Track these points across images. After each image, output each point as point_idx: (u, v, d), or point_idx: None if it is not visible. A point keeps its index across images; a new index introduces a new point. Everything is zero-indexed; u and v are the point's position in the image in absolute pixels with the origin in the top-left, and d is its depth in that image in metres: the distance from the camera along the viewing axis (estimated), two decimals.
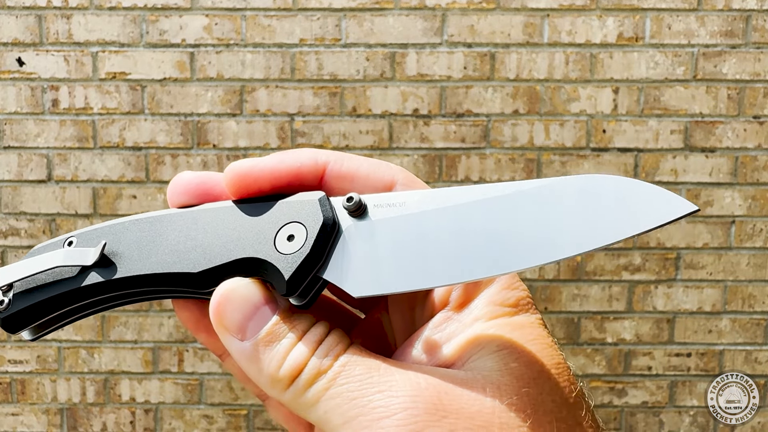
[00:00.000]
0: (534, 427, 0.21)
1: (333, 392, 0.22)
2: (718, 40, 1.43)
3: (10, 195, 1.49)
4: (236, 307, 0.24)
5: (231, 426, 1.54)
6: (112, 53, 1.45)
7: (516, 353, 0.23)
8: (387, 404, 0.21)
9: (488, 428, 0.20)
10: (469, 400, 0.21)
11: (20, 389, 1.54)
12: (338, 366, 0.22)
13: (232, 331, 0.24)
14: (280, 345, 0.23)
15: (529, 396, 0.22)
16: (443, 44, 1.44)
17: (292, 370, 0.23)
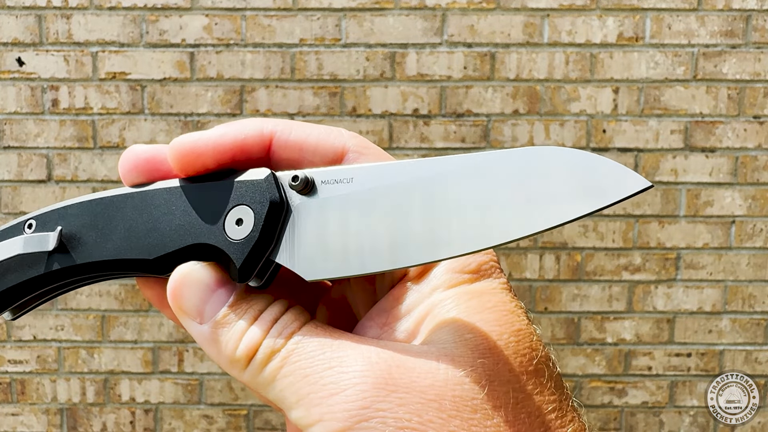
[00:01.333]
0: (489, 398, 0.21)
1: (286, 370, 0.22)
2: (718, 40, 1.43)
3: (10, 195, 1.49)
4: (192, 291, 0.24)
5: (231, 426, 1.54)
6: (112, 53, 1.45)
7: (472, 324, 0.22)
8: (337, 380, 0.21)
9: (440, 402, 0.20)
10: (421, 373, 0.21)
11: (20, 389, 1.54)
12: (291, 344, 0.22)
13: (190, 315, 0.24)
14: (236, 326, 0.23)
15: (485, 367, 0.21)
16: (443, 44, 1.44)
17: (248, 351, 0.23)
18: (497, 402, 0.21)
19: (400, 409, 0.20)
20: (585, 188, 0.21)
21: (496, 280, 0.25)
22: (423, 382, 0.20)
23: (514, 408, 0.21)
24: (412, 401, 0.20)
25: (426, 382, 0.20)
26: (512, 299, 0.24)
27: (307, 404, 0.21)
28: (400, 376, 0.20)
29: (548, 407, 0.22)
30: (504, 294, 0.24)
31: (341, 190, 0.24)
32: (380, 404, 0.20)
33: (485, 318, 0.23)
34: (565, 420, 0.22)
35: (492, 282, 0.24)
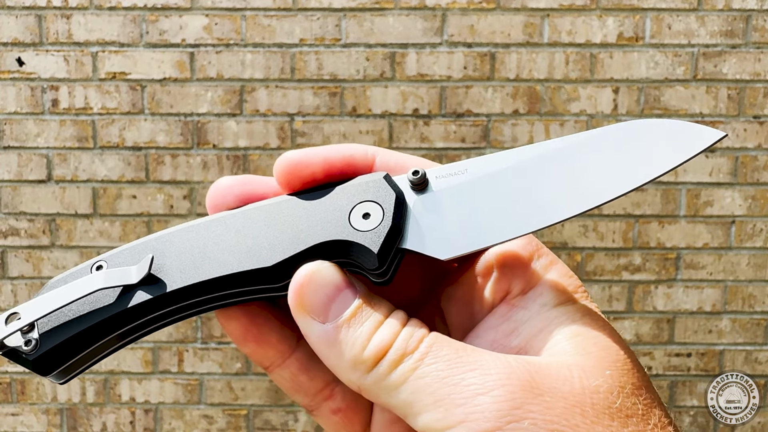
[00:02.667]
0: (622, 408, 0.21)
1: (421, 372, 0.22)
2: (718, 40, 1.43)
3: (10, 195, 1.49)
4: (318, 289, 0.24)
5: (231, 426, 1.54)
6: (112, 53, 1.45)
7: (592, 338, 0.23)
8: (482, 382, 0.21)
9: (581, 408, 0.20)
10: (558, 380, 0.21)
11: (20, 389, 1.54)
12: (424, 347, 0.22)
13: (313, 313, 0.24)
14: (364, 326, 0.23)
15: (612, 378, 0.22)
16: (443, 44, 1.44)
17: (377, 351, 0.22)
18: (629, 412, 0.21)
19: (549, 411, 0.20)
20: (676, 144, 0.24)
21: (591, 303, 0.26)
22: (563, 388, 0.21)
23: (642, 419, 0.21)
24: (558, 405, 0.20)
25: (566, 388, 0.21)
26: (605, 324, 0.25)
27: (447, 405, 0.21)
28: (542, 381, 0.21)
29: (665, 421, 0.22)
30: (602, 316, 0.25)
31: (457, 180, 0.26)
32: (530, 406, 0.20)
33: (602, 335, 0.23)
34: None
35: (590, 304, 0.25)
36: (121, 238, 1.49)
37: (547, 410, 0.20)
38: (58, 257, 1.50)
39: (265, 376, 1.53)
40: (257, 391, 1.53)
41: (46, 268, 1.50)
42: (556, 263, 0.26)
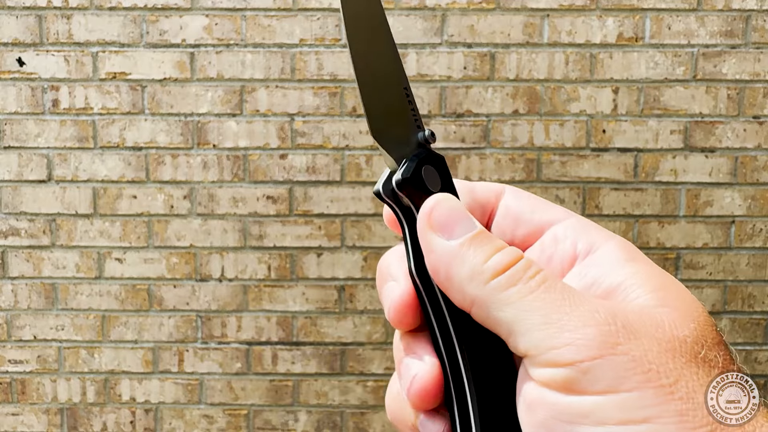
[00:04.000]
0: (705, 359, 0.23)
1: (536, 296, 0.23)
2: (718, 40, 1.43)
3: (10, 195, 1.49)
4: (446, 211, 0.26)
5: (231, 426, 1.54)
6: (112, 53, 1.45)
7: (673, 293, 0.24)
8: (590, 316, 0.22)
9: (673, 353, 0.22)
10: (652, 326, 0.22)
11: (20, 389, 1.54)
12: (540, 277, 0.24)
13: (440, 231, 0.26)
14: (486, 246, 0.25)
15: (697, 331, 0.23)
16: (443, 44, 1.44)
17: (497, 266, 0.24)
18: (712, 362, 0.23)
19: (646, 352, 0.22)
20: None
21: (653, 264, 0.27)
22: (656, 334, 0.22)
23: (722, 372, 0.23)
24: (653, 348, 0.22)
25: (659, 334, 0.22)
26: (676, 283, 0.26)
27: (557, 328, 0.22)
28: (639, 325, 0.22)
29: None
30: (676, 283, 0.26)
31: None
32: (630, 344, 0.22)
33: (678, 294, 0.24)
34: None
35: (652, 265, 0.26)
36: (122, 238, 1.49)
37: (644, 351, 0.22)
38: (59, 257, 1.50)
39: (265, 376, 1.53)
40: (257, 391, 1.53)
41: (47, 268, 1.50)
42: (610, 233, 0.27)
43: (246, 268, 1.50)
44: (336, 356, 1.52)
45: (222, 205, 1.48)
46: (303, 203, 1.48)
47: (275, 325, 1.51)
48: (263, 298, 1.50)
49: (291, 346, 1.52)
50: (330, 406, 1.54)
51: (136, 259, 1.50)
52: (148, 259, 1.50)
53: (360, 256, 1.49)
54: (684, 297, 0.24)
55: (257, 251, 1.49)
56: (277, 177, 1.47)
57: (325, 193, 1.47)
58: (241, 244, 1.49)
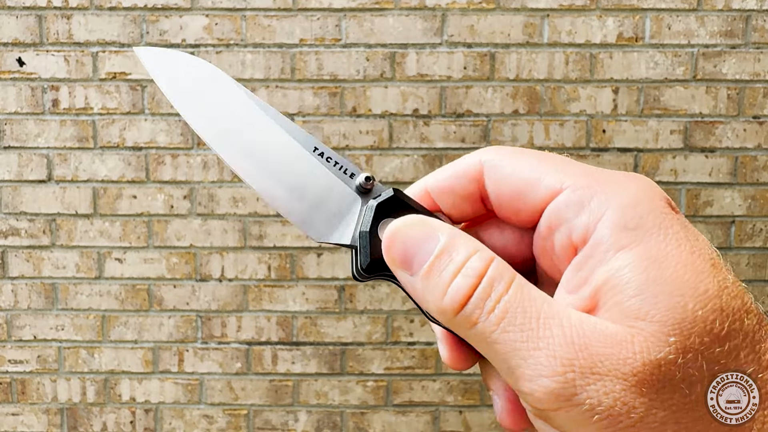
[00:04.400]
0: (684, 377, 0.21)
1: (495, 338, 0.23)
2: (718, 40, 1.43)
3: (10, 195, 1.49)
4: (401, 245, 0.25)
5: (231, 426, 1.54)
6: (112, 53, 1.45)
7: (653, 296, 0.22)
8: (546, 363, 0.22)
9: (640, 387, 0.21)
10: (620, 358, 0.21)
11: (20, 389, 1.54)
12: (500, 309, 0.23)
13: (401, 267, 0.25)
14: (442, 276, 0.24)
15: (677, 345, 0.21)
16: (443, 44, 1.44)
17: (455, 302, 0.23)
18: (693, 378, 0.21)
19: (606, 396, 0.21)
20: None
21: (669, 230, 0.23)
22: (624, 368, 0.21)
23: (709, 382, 0.22)
24: (616, 389, 0.21)
25: (626, 368, 0.21)
26: (691, 250, 0.23)
27: (517, 377, 0.22)
28: (603, 362, 0.21)
29: (750, 369, 0.22)
30: (681, 247, 0.23)
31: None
32: (589, 390, 0.21)
33: (666, 290, 0.22)
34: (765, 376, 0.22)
35: (664, 237, 0.23)
36: (122, 238, 1.49)
37: (604, 395, 0.21)
38: (59, 257, 1.50)
39: (265, 376, 1.53)
40: (257, 391, 1.53)
41: (47, 268, 1.50)
42: (614, 195, 0.24)
43: (246, 268, 1.50)
44: (336, 356, 1.52)
45: (222, 205, 1.48)
46: None
47: (275, 325, 1.51)
48: (263, 298, 1.50)
49: (291, 346, 1.52)
50: (330, 406, 1.54)
51: (136, 259, 1.50)
52: (148, 259, 1.50)
53: None
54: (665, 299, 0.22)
55: (257, 251, 1.49)
56: None
57: None
58: (241, 244, 1.49)
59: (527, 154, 0.26)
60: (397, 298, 1.50)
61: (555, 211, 0.25)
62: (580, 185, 0.24)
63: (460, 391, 1.53)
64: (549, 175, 0.25)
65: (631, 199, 0.23)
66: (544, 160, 0.26)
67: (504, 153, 0.27)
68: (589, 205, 0.24)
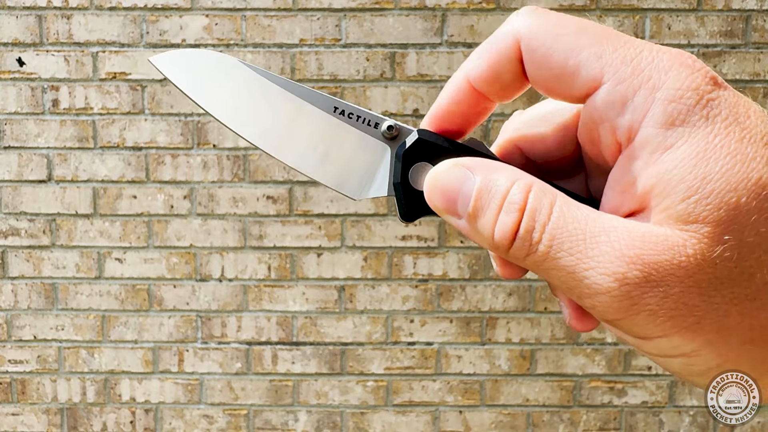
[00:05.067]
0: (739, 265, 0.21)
1: (547, 267, 0.23)
2: (718, 40, 1.43)
3: (10, 195, 1.49)
4: (441, 195, 0.26)
5: (231, 426, 1.54)
6: (112, 53, 1.45)
7: (706, 194, 0.21)
8: (601, 281, 0.22)
9: (698, 286, 0.21)
10: (674, 262, 0.21)
11: (20, 389, 1.54)
12: (546, 239, 0.23)
13: (448, 214, 0.26)
14: (486, 215, 0.24)
15: (729, 242, 0.21)
16: (443, 44, 1.44)
17: (504, 237, 0.24)
18: (752, 269, 0.21)
19: (665, 301, 0.21)
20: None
21: (717, 117, 0.21)
22: (678, 272, 0.21)
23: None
24: (674, 291, 0.21)
25: (681, 272, 0.21)
26: (740, 136, 0.21)
27: (578, 295, 0.23)
28: (658, 268, 0.21)
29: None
30: (730, 134, 0.21)
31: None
32: (647, 299, 0.21)
33: (716, 188, 0.21)
34: None
35: (712, 127, 0.21)
36: (122, 238, 1.49)
37: (663, 300, 0.21)
38: (59, 257, 1.50)
39: (265, 376, 1.53)
40: (257, 391, 1.53)
41: (47, 268, 1.50)
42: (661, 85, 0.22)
43: (246, 268, 1.50)
44: (336, 356, 1.52)
45: (222, 205, 1.48)
46: (303, 203, 1.48)
47: (275, 325, 1.51)
48: (263, 298, 1.50)
49: (291, 346, 1.52)
50: (330, 406, 1.54)
51: (136, 259, 1.50)
52: (148, 259, 1.50)
53: (360, 256, 1.49)
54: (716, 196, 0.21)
55: (257, 251, 1.49)
56: (277, 177, 1.47)
57: (325, 193, 1.47)
58: (241, 244, 1.49)
59: (566, 27, 0.24)
60: (397, 298, 1.50)
61: (597, 108, 0.24)
62: (621, 77, 0.22)
63: (460, 391, 1.53)
64: (588, 64, 0.23)
65: (675, 91, 0.22)
66: (583, 36, 0.23)
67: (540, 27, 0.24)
68: (632, 101, 0.22)
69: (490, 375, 1.52)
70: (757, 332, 0.22)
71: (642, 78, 0.22)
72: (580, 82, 0.23)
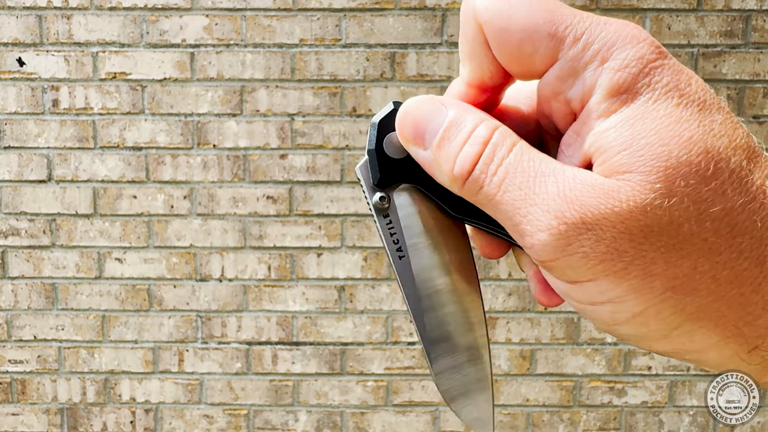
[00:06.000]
0: (670, 219, 0.22)
1: (499, 200, 0.24)
2: (717, 40, 1.43)
3: (10, 195, 1.49)
4: (412, 122, 0.27)
5: (231, 426, 1.54)
6: (112, 53, 1.45)
7: (638, 151, 0.23)
8: (542, 218, 0.23)
9: (630, 233, 0.22)
10: (608, 206, 0.22)
11: (20, 389, 1.54)
12: (501, 172, 0.24)
13: (414, 144, 0.27)
14: (451, 146, 0.26)
15: (661, 190, 0.22)
16: (443, 44, 1.44)
17: (463, 170, 0.25)
18: (680, 219, 0.22)
19: (598, 244, 0.23)
20: None
21: (658, 84, 0.23)
22: (611, 217, 0.22)
23: (697, 220, 0.22)
24: (606, 236, 0.22)
25: (614, 217, 0.22)
26: (678, 101, 0.23)
27: (520, 234, 0.24)
28: (593, 212, 0.23)
29: (738, 201, 0.22)
30: (669, 99, 0.23)
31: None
32: (582, 240, 0.23)
33: (650, 142, 0.23)
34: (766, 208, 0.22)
35: (652, 93, 0.23)
36: (122, 238, 1.49)
37: (596, 243, 0.23)
38: (59, 257, 1.50)
39: (265, 376, 1.53)
40: (257, 391, 1.53)
41: (47, 268, 1.50)
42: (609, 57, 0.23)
43: (246, 268, 1.50)
44: (336, 356, 1.52)
45: (222, 205, 1.48)
46: (303, 203, 1.48)
47: (275, 325, 1.51)
48: (263, 298, 1.50)
49: (291, 346, 1.52)
50: (330, 406, 1.54)
51: (136, 259, 1.50)
52: (148, 259, 1.50)
53: (360, 256, 1.49)
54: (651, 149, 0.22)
55: (257, 251, 1.49)
56: (277, 177, 1.47)
57: (325, 193, 1.47)
58: (241, 244, 1.49)
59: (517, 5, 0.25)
60: (397, 298, 1.50)
61: (551, 83, 0.25)
62: (574, 54, 0.24)
63: None
64: (543, 44, 0.24)
65: (621, 61, 0.23)
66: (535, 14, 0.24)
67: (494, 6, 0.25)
68: (583, 75, 0.24)
69: None
70: (679, 281, 0.23)
71: (591, 52, 0.24)
72: (537, 64, 0.25)
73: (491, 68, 0.26)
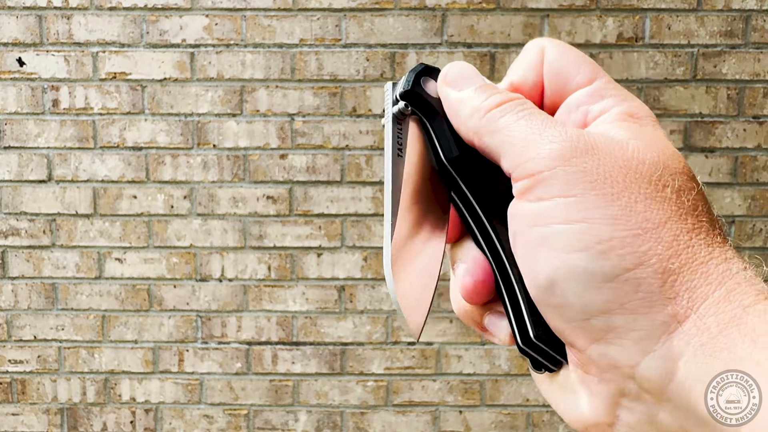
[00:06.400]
0: (661, 179, 0.26)
1: (520, 123, 0.28)
2: (717, 40, 1.43)
3: (10, 195, 1.49)
4: (458, 71, 0.32)
5: (231, 426, 1.54)
6: (112, 53, 1.45)
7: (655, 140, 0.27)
8: (557, 136, 0.27)
9: (626, 170, 0.26)
10: (614, 147, 0.26)
11: (20, 389, 1.54)
12: (528, 110, 0.29)
13: (452, 84, 0.31)
14: (488, 90, 0.30)
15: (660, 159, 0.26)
16: (443, 44, 1.44)
17: (493, 102, 0.29)
18: (666, 183, 0.26)
19: (598, 166, 0.26)
20: None
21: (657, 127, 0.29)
22: (615, 152, 0.26)
23: (677, 192, 0.26)
24: (606, 164, 0.26)
25: (618, 153, 0.26)
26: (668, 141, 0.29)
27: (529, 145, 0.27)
28: (602, 145, 0.26)
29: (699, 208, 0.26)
30: (662, 133, 0.29)
31: None
32: (583, 158, 0.26)
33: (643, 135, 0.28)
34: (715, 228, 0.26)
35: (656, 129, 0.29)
36: (122, 238, 1.49)
37: (596, 164, 0.26)
38: (59, 257, 1.50)
39: (265, 376, 1.53)
40: (257, 391, 1.53)
41: (47, 268, 1.50)
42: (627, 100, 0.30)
43: (246, 268, 1.50)
44: (336, 356, 1.52)
45: (222, 205, 1.48)
46: (303, 203, 1.48)
47: (275, 325, 1.51)
48: (263, 298, 1.51)
49: (291, 346, 1.52)
50: (330, 406, 1.54)
51: (136, 259, 1.50)
52: (148, 259, 1.50)
53: (360, 256, 1.49)
54: (664, 146, 0.27)
55: (257, 251, 1.49)
56: (277, 177, 1.47)
57: (325, 193, 1.47)
58: (241, 244, 1.49)
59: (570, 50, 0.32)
60: None
61: (580, 95, 0.30)
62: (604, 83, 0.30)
63: (460, 391, 1.53)
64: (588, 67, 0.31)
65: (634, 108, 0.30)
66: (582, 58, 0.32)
67: (559, 43, 0.32)
68: (607, 96, 0.30)
69: (490, 375, 1.52)
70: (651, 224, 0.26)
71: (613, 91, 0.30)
72: (575, 80, 0.31)
73: (533, 78, 0.32)
